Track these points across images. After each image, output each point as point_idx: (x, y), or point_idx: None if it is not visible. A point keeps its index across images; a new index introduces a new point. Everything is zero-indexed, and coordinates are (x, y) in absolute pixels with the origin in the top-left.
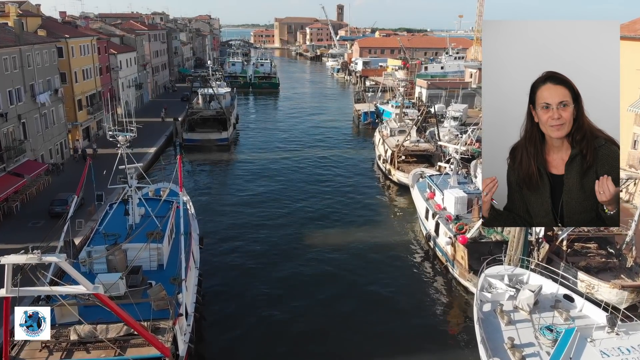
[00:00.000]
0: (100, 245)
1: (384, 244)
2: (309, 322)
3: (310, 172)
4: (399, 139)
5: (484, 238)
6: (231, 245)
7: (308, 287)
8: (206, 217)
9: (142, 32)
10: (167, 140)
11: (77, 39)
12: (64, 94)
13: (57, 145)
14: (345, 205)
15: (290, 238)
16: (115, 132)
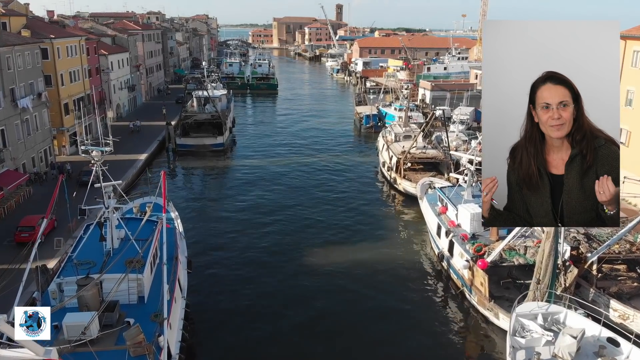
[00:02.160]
0: (72, 277)
1: (391, 261)
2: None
3: (310, 180)
4: (405, 145)
5: (505, 261)
6: (224, 265)
7: (310, 312)
8: (198, 230)
9: (135, 32)
10: (159, 146)
11: (64, 40)
12: (48, 98)
13: (41, 153)
14: (348, 217)
15: (289, 256)
16: (89, 146)
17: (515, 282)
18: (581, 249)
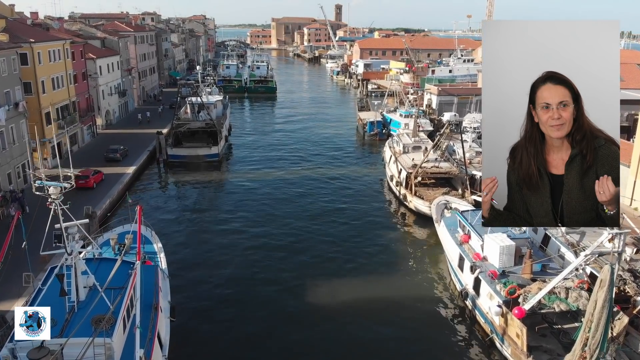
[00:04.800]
0: (27, 342)
1: (405, 297)
2: None
3: (310, 196)
4: (414, 158)
5: (543, 307)
6: (216, 302)
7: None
8: (186, 256)
9: (126, 34)
10: (149, 157)
11: (45, 44)
12: (26, 108)
13: (18, 168)
14: (353, 241)
15: (290, 290)
16: (45, 181)
17: (553, 328)
18: (627, 289)
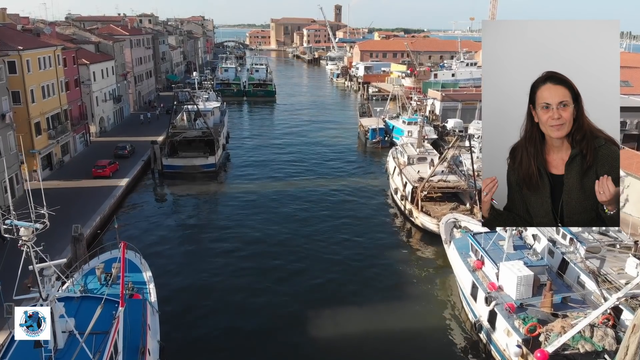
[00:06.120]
0: None
1: (411, 324)
2: None
3: (310, 210)
4: (420, 170)
5: (567, 348)
6: (209, 334)
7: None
8: (179, 283)
9: (122, 38)
10: (143, 168)
11: (34, 51)
12: (13, 119)
13: (6, 182)
14: (356, 260)
15: (289, 321)
16: (15, 221)
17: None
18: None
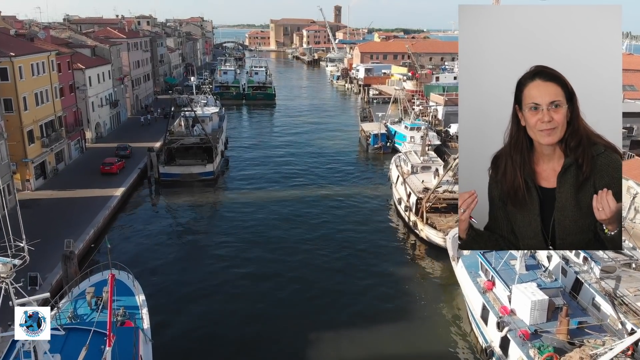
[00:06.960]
0: None
1: (416, 348)
2: None
3: (311, 220)
4: (424, 179)
5: None
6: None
7: None
8: (174, 301)
9: (119, 41)
10: (139, 176)
11: (27, 57)
12: (5, 128)
13: None
14: (357, 277)
15: (289, 342)
16: None
17: None
18: None
